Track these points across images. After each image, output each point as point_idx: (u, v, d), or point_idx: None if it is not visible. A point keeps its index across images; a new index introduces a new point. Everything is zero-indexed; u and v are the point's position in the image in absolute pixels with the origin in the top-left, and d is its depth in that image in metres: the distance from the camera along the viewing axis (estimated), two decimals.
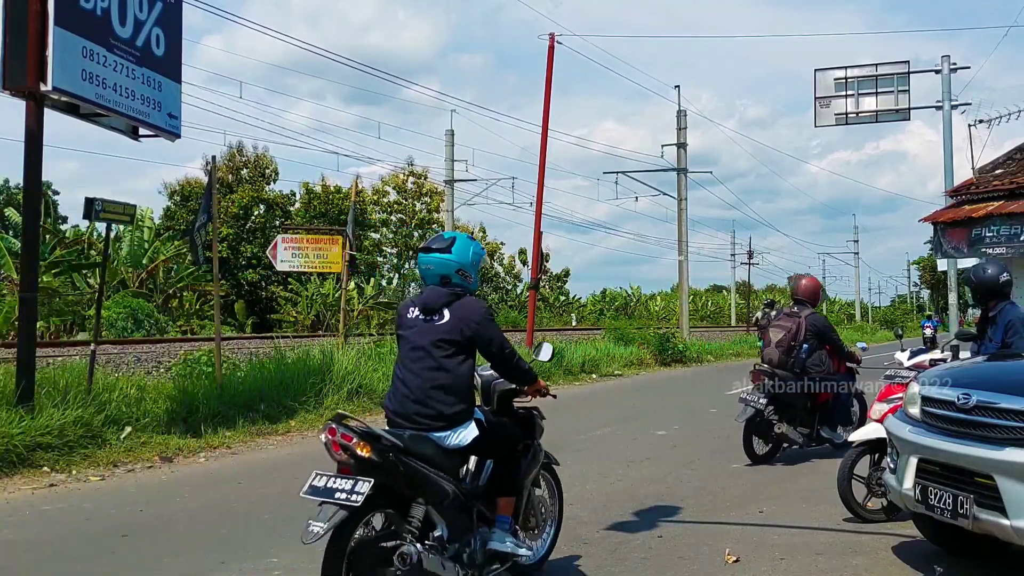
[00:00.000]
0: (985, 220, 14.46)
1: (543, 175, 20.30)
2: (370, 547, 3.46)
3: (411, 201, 46.13)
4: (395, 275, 46.01)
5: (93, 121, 8.73)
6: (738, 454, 7.87)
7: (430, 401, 3.75)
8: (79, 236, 29.14)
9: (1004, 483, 3.86)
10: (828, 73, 20.98)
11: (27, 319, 8.38)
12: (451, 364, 3.81)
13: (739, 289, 64.47)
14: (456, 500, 3.71)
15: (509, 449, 4.12)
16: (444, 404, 3.76)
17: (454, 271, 3.97)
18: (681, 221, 31.49)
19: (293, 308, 34.16)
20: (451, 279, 3.97)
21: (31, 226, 8.51)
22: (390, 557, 3.43)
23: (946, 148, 19.90)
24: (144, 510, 6.02)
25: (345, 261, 15.20)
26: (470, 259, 4.03)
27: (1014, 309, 6.06)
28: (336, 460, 3.48)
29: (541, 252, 20.71)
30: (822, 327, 8.11)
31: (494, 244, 51.47)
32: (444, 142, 33.08)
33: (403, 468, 3.49)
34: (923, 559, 4.74)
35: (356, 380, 11.55)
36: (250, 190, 39.50)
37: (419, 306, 3.94)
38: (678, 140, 31.21)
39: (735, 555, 4.76)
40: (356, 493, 3.31)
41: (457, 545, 3.74)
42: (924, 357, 6.39)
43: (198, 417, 9.08)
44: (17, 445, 7.14)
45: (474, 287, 4.09)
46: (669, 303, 56.57)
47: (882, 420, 5.36)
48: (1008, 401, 4.03)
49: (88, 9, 8.00)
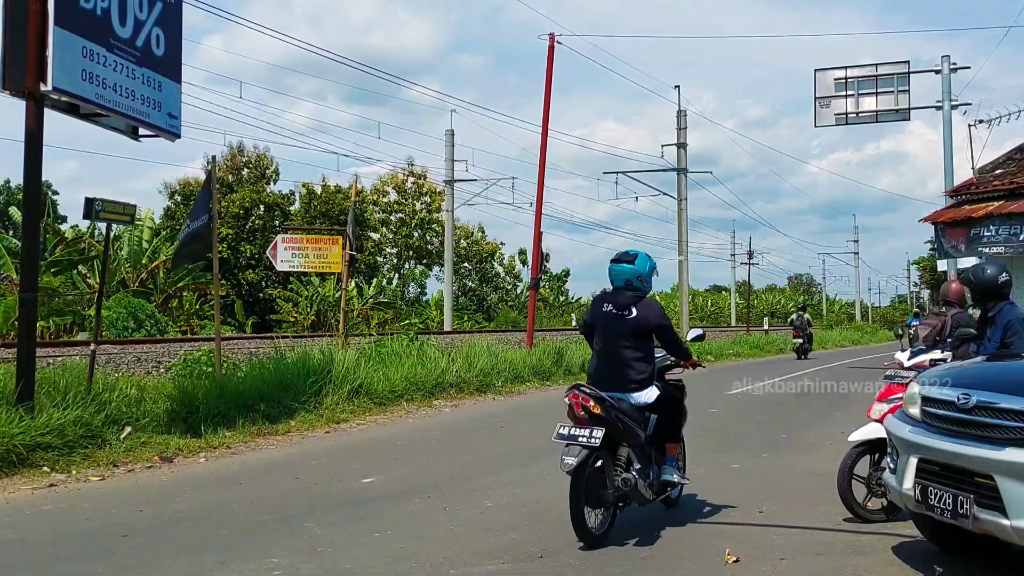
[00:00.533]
0: (985, 220, 14.49)
1: (543, 175, 20.32)
2: (595, 476, 5.02)
3: (411, 201, 46.15)
4: (395, 275, 46.02)
5: (93, 121, 8.73)
6: (738, 454, 7.87)
7: (628, 370, 5.30)
8: (79, 236, 29.16)
9: (1004, 483, 3.86)
10: (828, 73, 21.01)
11: (27, 319, 8.38)
12: (640, 345, 5.37)
13: (739, 289, 64.46)
14: (645, 443, 5.31)
15: (675, 406, 5.62)
16: (636, 372, 5.32)
17: (635, 277, 5.45)
18: (681, 221, 31.51)
19: (293, 308, 34.17)
20: (632, 284, 5.45)
21: (31, 226, 8.52)
22: (606, 483, 5.07)
23: (946, 148, 19.92)
24: (144, 510, 6.02)
25: (345, 261, 15.20)
26: (647, 270, 5.50)
27: (1013, 309, 6.06)
28: (574, 417, 5.10)
29: (541, 252, 20.71)
30: (965, 322, 8.30)
31: (494, 244, 51.51)
32: (444, 142, 33.13)
33: (619, 421, 5.10)
34: (923, 559, 4.74)
35: (357, 380, 11.56)
36: (251, 191, 39.52)
37: (612, 303, 5.46)
38: (678, 140, 31.23)
39: (735, 555, 4.75)
40: (594, 437, 4.93)
41: (647, 476, 5.30)
42: (924, 357, 6.38)
43: (198, 417, 9.08)
44: (17, 445, 7.14)
45: (648, 290, 5.54)
46: (669, 303, 56.59)
47: (882, 420, 5.35)
48: (1008, 401, 4.03)
49: (88, 9, 8.00)
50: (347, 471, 7.49)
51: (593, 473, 5.00)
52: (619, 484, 5.08)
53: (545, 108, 20.42)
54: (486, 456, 8.28)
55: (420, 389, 12.70)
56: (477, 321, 43.68)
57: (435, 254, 45.60)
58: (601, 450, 5.00)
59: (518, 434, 8.54)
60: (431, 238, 46.38)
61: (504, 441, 9.04)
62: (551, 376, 16.66)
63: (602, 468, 5.08)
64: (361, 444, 9.18)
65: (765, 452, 8.48)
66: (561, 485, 5.09)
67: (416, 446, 8.98)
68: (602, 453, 5.04)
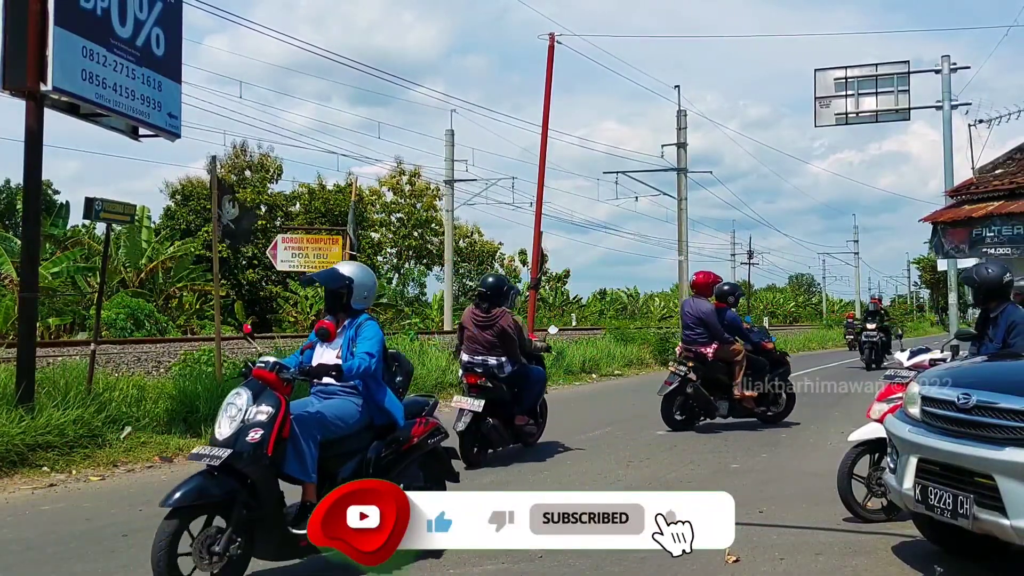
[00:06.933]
0: (985, 220, 14.47)
1: (543, 175, 20.30)
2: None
3: (408, 201, 46.11)
4: (395, 275, 45.99)
5: (93, 121, 8.73)
6: (738, 454, 7.86)
7: None
8: (78, 235, 29.17)
9: (1004, 483, 3.86)
10: (828, 73, 20.96)
11: (27, 319, 8.38)
12: None
13: None
14: None
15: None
16: None
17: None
18: (681, 221, 31.49)
19: (293, 308, 34.15)
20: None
21: (31, 226, 8.52)
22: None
23: (946, 148, 19.89)
24: (144, 510, 6.01)
25: (345, 261, 15.18)
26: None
27: (1016, 310, 6.04)
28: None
29: (541, 252, 20.71)
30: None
31: (493, 244, 51.47)
32: (444, 142, 33.11)
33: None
34: (923, 559, 4.74)
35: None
36: (252, 192, 39.47)
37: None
38: (678, 140, 31.20)
39: (735, 555, 4.75)
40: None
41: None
42: (924, 357, 6.39)
43: (198, 417, 9.07)
44: (17, 445, 7.14)
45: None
46: (669, 303, 56.56)
47: (882, 420, 5.35)
48: (1008, 401, 4.03)
49: (88, 9, 8.00)
50: None
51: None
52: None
53: (545, 108, 20.42)
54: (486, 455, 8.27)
55: (420, 389, 12.68)
56: None
57: (435, 254, 45.58)
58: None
59: None
60: (430, 238, 46.35)
61: None
62: (551, 376, 16.64)
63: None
64: None
65: (765, 452, 8.48)
66: (561, 484, 5.08)
67: None
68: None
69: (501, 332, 7.96)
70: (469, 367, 7.97)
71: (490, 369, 7.92)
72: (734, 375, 9.86)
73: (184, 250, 29.76)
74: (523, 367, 8.19)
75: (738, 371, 9.85)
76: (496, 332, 7.97)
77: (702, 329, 9.91)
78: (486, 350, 7.98)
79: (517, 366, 8.09)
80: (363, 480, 4.00)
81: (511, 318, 8.12)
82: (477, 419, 7.69)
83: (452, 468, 5.31)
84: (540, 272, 21.56)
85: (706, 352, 9.81)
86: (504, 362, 7.99)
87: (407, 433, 4.89)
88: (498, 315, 8.02)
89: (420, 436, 4.95)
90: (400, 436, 4.85)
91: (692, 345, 9.95)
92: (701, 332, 9.91)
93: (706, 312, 9.93)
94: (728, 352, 9.87)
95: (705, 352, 9.82)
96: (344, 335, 4.83)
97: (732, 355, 9.87)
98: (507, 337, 7.97)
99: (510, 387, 8.02)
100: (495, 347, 7.97)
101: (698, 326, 9.94)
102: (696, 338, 9.94)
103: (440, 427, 5.14)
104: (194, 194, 37.94)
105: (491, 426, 7.80)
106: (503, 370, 7.97)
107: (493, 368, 7.93)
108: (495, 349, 7.97)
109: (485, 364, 7.94)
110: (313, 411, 4.61)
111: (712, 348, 9.83)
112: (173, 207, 39.34)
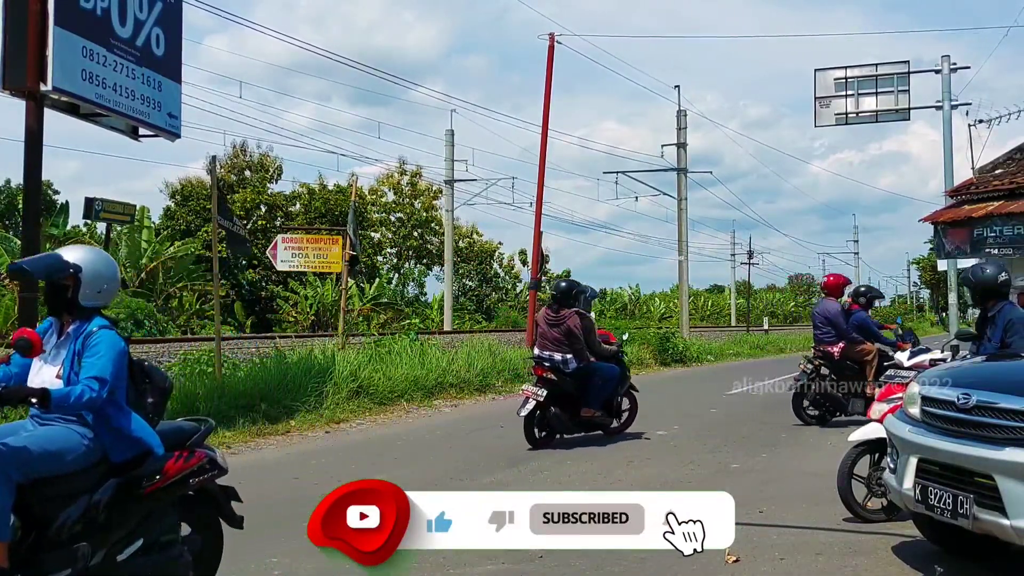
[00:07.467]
0: (985, 220, 14.48)
1: (543, 175, 20.32)
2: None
3: (408, 201, 46.13)
4: (394, 275, 46.00)
5: (93, 121, 8.75)
6: (738, 454, 7.86)
7: None
8: (78, 235, 29.16)
9: (1004, 483, 3.86)
10: (828, 73, 20.98)
11: (27, 319, 8.38)
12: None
13: (739, 289, 64.42)
14: None
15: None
16: None
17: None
18: (681, 221, 31.51)
19: (293, 308, 34.15)
20: None
21: (31, 226, 8.52)
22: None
23: (946, 148, 19.91)
24: None
25: (345, 261, 15.20)
26: None
27: (1013, 309, 6.05)
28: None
29: (541, 252, 20.72)
30: None
31: (492, 244, 51.48)
32: (444, 142, 33.12)
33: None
34: (923, 559, 4.74)
35: (358, 380, 11.55)
36: (252, 192, 39.49)
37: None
38: (678, 140, 31.23)
39: (735, 555, 4.75)
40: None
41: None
42: (924, 357, 6.40)
43: (198, 417, 9.07)
44: None
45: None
46: (669, 303, 56.56)
47: (882, 420, 5.35)
48: (1008, 401, 4.03)
49: (88, 9, 8.01)
50: (347, 471, 7.48)
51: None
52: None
53: (545, 108, 20.44)
54: (486, 455, 8.28)
55: (420, 389, 12.70)
56: (477, 321, 43.68)
57: (435, 254, 45.60)
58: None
59: (518, 434, 8.57)
60: (430, 238, 46.36)
61: (504, 441, 9.04)
62: None
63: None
64: (361, 444, 9.19)
65: (765, 452, 8.48)
66: (561, 484, 5.08)
67: (416, 446, 8.98)
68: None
69: (567, 331, 8.70)
70: (538, 360, 8.79)
71: (556, 364, 8.66)
72: (865, 374, 10.00)
73: (184, 250, 29.76)
74: (589, 364, 8.77)
75: (869, 370, 9.99)
76: (563, 331, 8.71)
77: (829, 328, 10.24)
78: (554, 346, 8.73)
79: (583, 363, 8.72)
80: (363, 480, 3.98)
81: (578, 319, 8.77)
82: (541, 407, 8.45)
83: (233, 512, 4.14)
84: (541, 272, 21.55)
85: (833, 351, 10.15)
86: (569, 359, 8.69)
87: (155, 468, 3.63)
88: (566, 315, 8.76)
89: (176, 473, 3.70)
90: (143, 473, 3.60)
91: (820, 344, 10.32)
92: (828, 331, 10.24)
93: (833, 313, 10.27)
94: (856, 352, 10.08)
95: (832, 351, 10.15)
96: (68, 346, 3.61)
97: (861, 355, 10.07)
98: (573, 335, 8.69)
99: (575, 381, 8.67)
100: (562, 344, 8.70)
101: (825, 325, 10.29)
102: (824, 337, 10.28)
103: (213, 460, 3.91)
104: (194, 194, 37.96)
105: (554, 414, 8.53)
106: (568, 365, 8.67)
107: (558, 363, 8.66)
108: (562, 346, 8.70)
109: (552, 359, 8.68)
110: (17, 443, 3.36)
111: (839, 347, 10.13)
112: (173, 207, 39.34)
